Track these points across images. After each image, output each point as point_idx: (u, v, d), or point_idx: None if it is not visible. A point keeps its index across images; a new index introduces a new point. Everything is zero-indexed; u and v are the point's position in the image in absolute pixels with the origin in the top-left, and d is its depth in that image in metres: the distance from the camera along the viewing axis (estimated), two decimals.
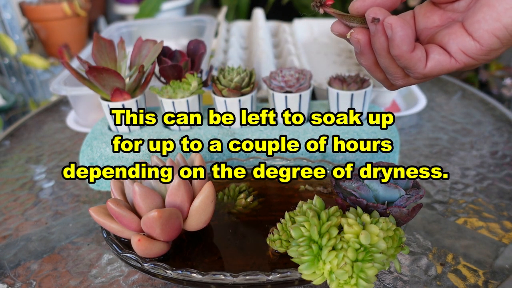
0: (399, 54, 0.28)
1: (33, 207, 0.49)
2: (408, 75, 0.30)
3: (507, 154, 0.54)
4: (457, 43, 0.28)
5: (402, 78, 0.30)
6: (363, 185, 0.31)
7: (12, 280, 0.38)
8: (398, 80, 0.31)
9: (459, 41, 0.28)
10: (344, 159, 0.46)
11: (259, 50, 0.69)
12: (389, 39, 0.27)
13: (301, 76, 0.46)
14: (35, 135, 0.66)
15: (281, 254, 0.34)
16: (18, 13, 1.59)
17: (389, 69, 0.30)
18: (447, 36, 0.28)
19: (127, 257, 0.32)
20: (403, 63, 0.28)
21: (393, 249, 0.28)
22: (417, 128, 0.61)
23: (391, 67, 0.30)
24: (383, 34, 0.28)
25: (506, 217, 0.43)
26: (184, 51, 0.47)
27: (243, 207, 0.40)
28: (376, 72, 0.32)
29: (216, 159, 0.47)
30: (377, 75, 0.32)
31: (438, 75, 0.30)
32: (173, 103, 0.46)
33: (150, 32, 0.86)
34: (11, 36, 1.38)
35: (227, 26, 0.93)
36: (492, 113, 0.65)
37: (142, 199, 0.33)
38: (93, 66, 0.42)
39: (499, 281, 0.35)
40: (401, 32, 0.27)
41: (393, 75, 0.30)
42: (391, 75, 0.31)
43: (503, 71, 1.14)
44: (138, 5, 1.83)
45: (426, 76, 0.29)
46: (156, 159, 0.38)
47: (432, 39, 0.30)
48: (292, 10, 1.55)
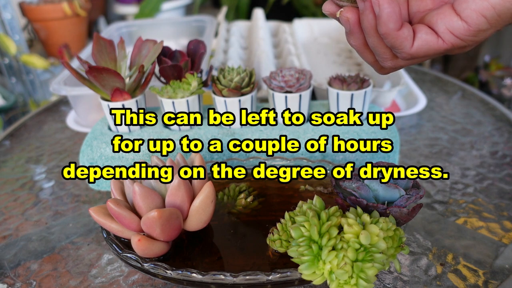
0: (385, 32, 0.27)
1: (33, 207, 0.49)
2: (396, 56, 0.30)
3: (507, 154, 0.54)
4: (445, 23, 0.27)
5: (391, 59, 0.30)
6: (363, 185, 0.31)
7: (12, 280, 0.38)
8: (387, 62, 0.31)
9: (447, 21, 0.27)
10: (344, 159, 0.46)
11: (259, 50, 0.69)
12: (377, 16, 0.27)
13: (301, 76, 0.46)
14: (35, 135, 0.66)
15: (281, 254, 0.34)
16: (18, 13, 1.59)
17: (377, 49, 0.30)
18: (436, 16, 0.28)
19: (127, 257, 0.32)
20: (390, 41, 0.28)
21: (393, 249, 0.28)
22: (417, 128, 0.61)
23: (379, 47, 0.30)
24: (371, 11, 0.28)
25: (506, 217, 0.43)
26: (184, 51, 0.47)
27: (243, 207, 0.40)
28: (366, 53, 0.32)
29: (216, 159, 0.47)
30: (367, 57, 0.32)
31: (426, 56, 0.29)
32: (173, 103, 0.46)
33: (150, 32, 0.86)
34: (11, 36, 1.38)
35: (227, 26, 0.93)
36: (492, 113, 0.65)
37: (142, 199, 0.33)
38: (93, 66, 0.42)
39: (499, 281, 0.35)
40: (388, 9, 0.27)
41: (382, 56, 0.30)
42: (379, 56, 0.31)
43: (503, 71, 1.14)
44: (138, 5, 1.83)
45: (414, 57, 0.29)
46: (156, 159, 0.38)
47: (421, 20, 0.30)
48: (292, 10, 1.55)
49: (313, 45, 0.88)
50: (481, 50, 1.27)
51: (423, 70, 0.83)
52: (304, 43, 0.89)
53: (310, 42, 0.90)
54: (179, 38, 0.86)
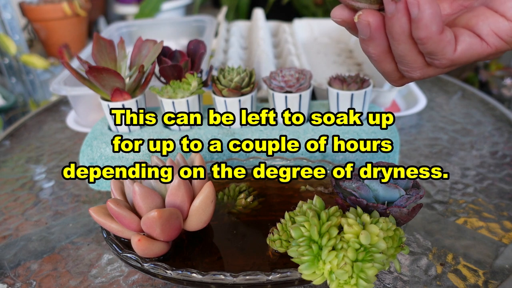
0: (426, 36, 0.24)
1: (33, 207, 0.49)
2: (428, 64, 0.27)
3: (507, 154, 0.54)
4: (489, 24, 0.25)
5: (421, 68, 0.27)
6: (363, 185, 0.31)
7: (12, 280, 0.38)
8: (415, 72, 0.27)
9: (491, 22, 0.25)
10: (344, 159, 0.46)
11: (259, 50, 0.69)
12: (414, 19, 0.24)
13: (301, 76, 0.46)
14: (35, 135, 0.66)
15: (281, 254, 0.34)
16: (18, 13, 1.59)
17: (407, 57, 0.26)
18: (474, 18, 0.25)
19: (127, 257, 0.32)
20: (430, 47, 0.25)
21: (393, 249, 0.28)
22: (417, 128, 0.61)
23: (410, 55, 0.26)
24: (404, 14, 0.24)
25: (506, 217, 0.43)
26: (184, 51, 0.47)
27: (243, 207, 0.40)
28: (386, 62, 0.28)
29: (216, 159, 0.47)
30: (386, 66, 0.28)
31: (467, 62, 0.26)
32: (173, 103, 0.46)
33: (150, 32, 0.86)
34: (11, 36, 1.38)
35: (227, 26, 0.93)
36: (492, 113, 0.65)
37: (142, 199, 0.33)
38: (93, 66, 0.42)
39: (499, 281, 0.35)
40: (430, 9, 0.23)
41: (411, 65, 0.27)
42: (407, 66, 0.27)
43: (503, 71, 1.14)
44: (138, 5, 1.83)
45: (454, 63, 0.26)
46: (156, 159, 0.38)
47: (451, 25, 0.26)
48: (292, 10, 1.55)
49: (313, 45, 0.88)
50: None
51: None
52: (304, 43, 0.89)
53: (310, 42, 0.90)
54: (179, 38, 0.86)
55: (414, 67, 0.27)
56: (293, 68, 0.48)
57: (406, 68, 0.27)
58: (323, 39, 0.91)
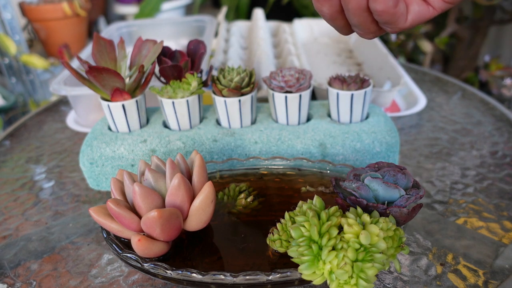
0: (383, 9, 0.26)
1: (33, 207, 0.49)
2: (381, 29, 0.28)
3: (507, 154, 0.54)
4: None
5: (374, 32, 0.29)
6: (363, 185, 0.31)
7: (12, 280, 0.38)
8: (368, 35, 0.29)
9: None
10: (344, 159, 0.46)
11: (259, 50, 0.69)
12: None
13: (301, 76, 0.46)
14: (35, 135, 0.66)
15: (281, 254, 0.34)
16: (18, 13, 1.59)
17: (362, 25, 0.28)
18: None
19: (127, 257, 0.32)
20: (385, 18, 0.26)
21: (393, 249, 0.28)
22: (417, 128, 0.61)
23: (365, 23, 0.27)
24: None
25: (506, 217, 0.43)
26: (184, 51, 0.47)
27: (243, 207, 0.40)
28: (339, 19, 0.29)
29: (216, 159, 0.47)
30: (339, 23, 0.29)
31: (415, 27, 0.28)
32: (173, 103, 0.46)
33: (150, 32, 0.86)
34: (11, 36, 1.38)
35: (227, 26, 0.93)
36: (492, 113, 0.65)
37: (142, 199, 0.33)
38: (93, 66, 0.42)
39: (499, 281, 0.35)
40: None
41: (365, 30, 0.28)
42: (362, 30, 0.28)
43: (503, 71, 1.14)
44: (138, 5, 1.83)
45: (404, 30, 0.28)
46: (156, 159, 0.38)
47: None
48: (292, 10, 1.55)
49: (313, 45, 0.88)
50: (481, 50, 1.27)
51: (423, 70, 0.83)
52: (304, 43, 0.89)
53: (310, 42, 0.90)
54: (179, 38, 0.86)
55: (367, 32, 0.29)
56: (293, 68, 0.48)
57: (360, 31, 0.29)
58: (323, 39, 0.91)
